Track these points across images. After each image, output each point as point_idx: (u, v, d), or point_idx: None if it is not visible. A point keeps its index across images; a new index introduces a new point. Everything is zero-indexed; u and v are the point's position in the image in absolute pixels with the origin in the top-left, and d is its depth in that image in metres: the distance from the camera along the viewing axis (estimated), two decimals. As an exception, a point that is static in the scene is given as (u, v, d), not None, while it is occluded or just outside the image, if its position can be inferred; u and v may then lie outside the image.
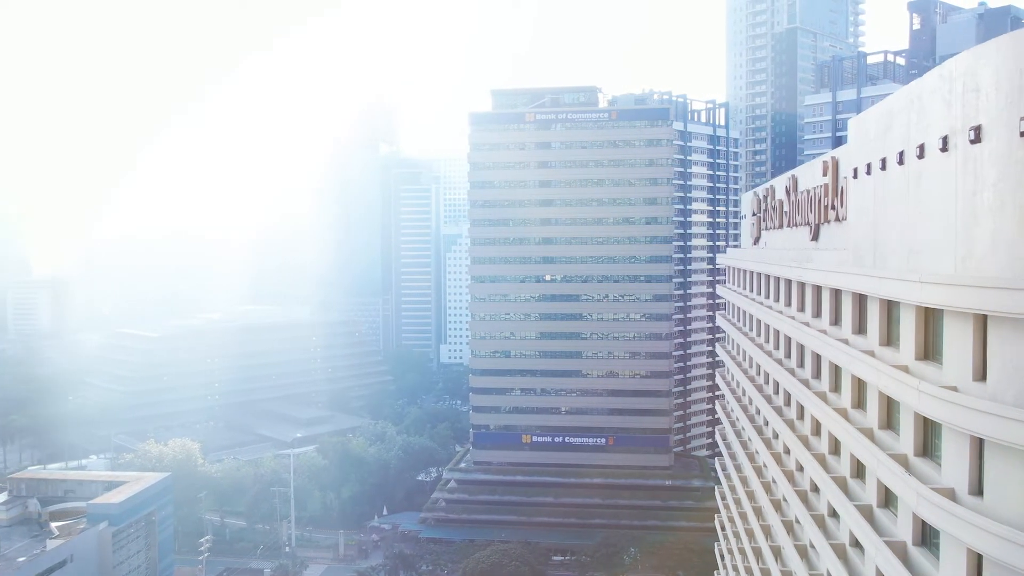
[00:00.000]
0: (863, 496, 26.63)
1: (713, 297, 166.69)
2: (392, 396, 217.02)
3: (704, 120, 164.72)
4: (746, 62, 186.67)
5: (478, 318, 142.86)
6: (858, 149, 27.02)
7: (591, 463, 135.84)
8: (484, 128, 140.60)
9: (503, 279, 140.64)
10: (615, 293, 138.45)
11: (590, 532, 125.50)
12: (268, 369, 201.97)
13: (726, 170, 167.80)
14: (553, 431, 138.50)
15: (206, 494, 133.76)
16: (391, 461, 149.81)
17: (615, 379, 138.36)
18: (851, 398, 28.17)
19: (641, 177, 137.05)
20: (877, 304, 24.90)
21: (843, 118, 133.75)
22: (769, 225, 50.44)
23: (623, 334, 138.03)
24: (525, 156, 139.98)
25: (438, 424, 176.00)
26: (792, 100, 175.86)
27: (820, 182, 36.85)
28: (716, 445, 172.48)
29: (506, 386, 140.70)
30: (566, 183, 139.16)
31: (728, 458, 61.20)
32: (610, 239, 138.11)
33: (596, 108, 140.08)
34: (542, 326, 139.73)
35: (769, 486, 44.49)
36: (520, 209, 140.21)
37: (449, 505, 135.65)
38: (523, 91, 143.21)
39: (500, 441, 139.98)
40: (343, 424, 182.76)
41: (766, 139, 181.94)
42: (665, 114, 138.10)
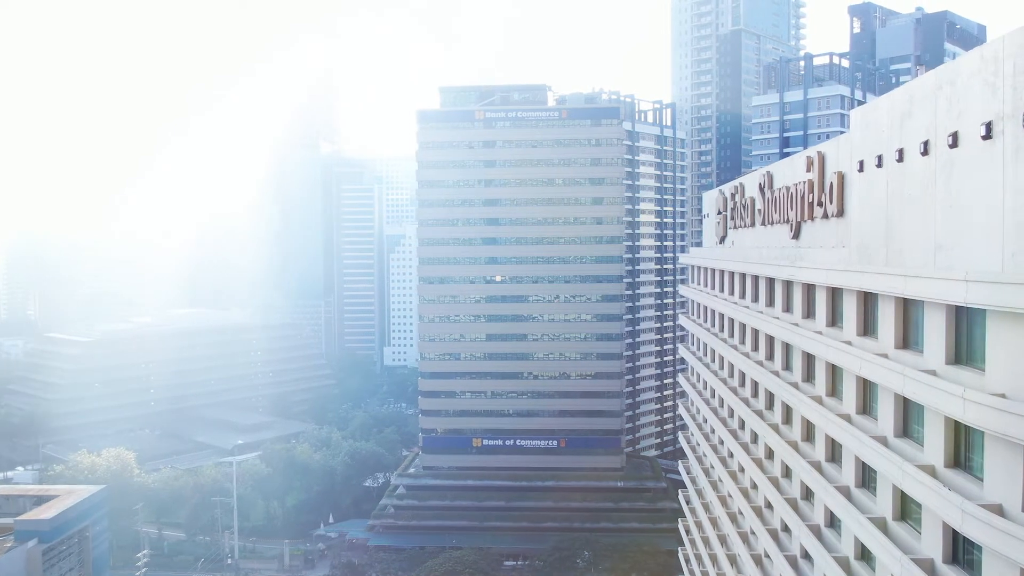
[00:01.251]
0: (874, 508, 25.20)
1: (661, 297, 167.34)
2: (336, 400, 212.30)
3: (651, 120, 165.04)
4: (691, 63, 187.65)
5: (427, 320, 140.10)
6: (864, 141, 25.60)
7: (543, 466, 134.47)
8: (432, 126, 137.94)
9: (452, 280, 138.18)
10: (566, 294, 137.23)
11: (542, 536, 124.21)
12: (206, 374, 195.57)
13: (673, 170, 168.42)
14: (504, 434, 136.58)
15: (143, 506, 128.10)
16: (337, 467, 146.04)
17: (566, 380, 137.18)
18: (856, 402, 26.77)
19: (591, 176, 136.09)
20: (892, 305, 23.47)
21: (790, 119, 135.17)
22: (739, 224, 49.31)
23: (574, 335, 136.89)
24: (474, 155, 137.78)
25: (385, 428, 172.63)
26: (737, 101, 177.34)
27: (802, 178, 35.62)
28: (666, 445, 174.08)
29: (456, 389, 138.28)
30: (515, 182, 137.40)
31: (695, 461, 60.05)
32: (560, 239, 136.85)
33: (546, 107, 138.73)
34: (492, 327, 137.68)
35: (747, 492, 43.22)
36: (469, 209, 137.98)
37: (398, 511, 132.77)
38: (472, 88, 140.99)
39: (450, 445, 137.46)
40: (286, 430, 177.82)
41: (712, 139, 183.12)
42: (615, 113, 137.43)
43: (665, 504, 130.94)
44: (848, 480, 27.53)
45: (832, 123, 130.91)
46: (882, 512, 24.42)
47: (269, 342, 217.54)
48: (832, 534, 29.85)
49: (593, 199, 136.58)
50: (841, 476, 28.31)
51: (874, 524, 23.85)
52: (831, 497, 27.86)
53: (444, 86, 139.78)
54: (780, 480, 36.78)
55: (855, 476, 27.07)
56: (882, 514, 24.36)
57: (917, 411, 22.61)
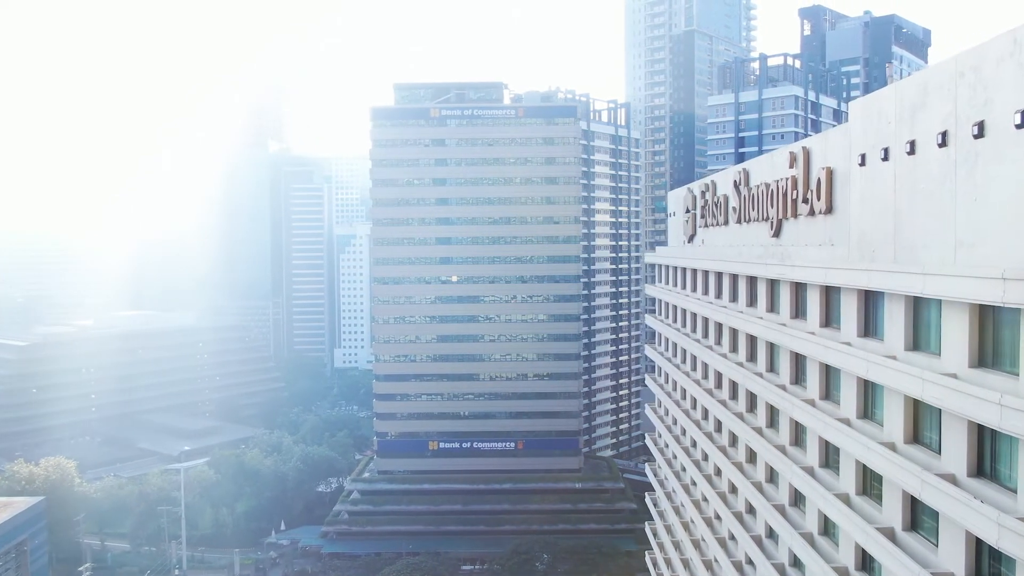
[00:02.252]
0: (880, 519, 24.09)
1: (617, 297, 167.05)
2: (286, 404, 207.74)
3: (606, 120, 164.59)
4: (645, 63, 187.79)
5: (381, 321, 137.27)
6: (866, 134, 24.48)
7: (500, 468, 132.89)
8: (386, 124, 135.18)
9: (407, 280, 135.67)
10: (523, 294, 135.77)
11: (500, 539, 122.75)
12: (150, 378, 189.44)
13: (628, 170, 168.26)
14: (461, 437, 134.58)
15: (84, 516, 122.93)
16: (289, 473, 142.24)
17: (524, 382, 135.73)
18: (856, 406, 25.66)
19: (548, 175, 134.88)
20: (902, 305, 22.35)
21: (745, 119, 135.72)
22: (710, 222, 48.37)
23: (531, 335, 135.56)
24: (428, 153, 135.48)
25: (337, 432, 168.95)
26: (690, 101, 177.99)
27: (784, 175, 34.67)
28: (622, 445, 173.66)
29: (411, 391, 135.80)
30: (471, 181, 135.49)
31: (664, 463, 59.03)
32: (517, 239, 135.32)
33: (502, 105, 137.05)
34: (448, 329, 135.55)
35: (726, 496, 42.15)
36: (424, 208, 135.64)
37: (352, 517, 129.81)
38: (427, 85, 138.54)
39: (405, 449, 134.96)
40: (235, 435, 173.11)
41: (665, 139, 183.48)
42: (572, 112, 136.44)
43: (623, 505, 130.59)
44: (848, 487, 26.43)
45: (787, 123, 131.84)
46: (891, 523, 23.33)
47: (216, 344, 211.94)
48: (827, 542, 28.78)
49: (550, 198, 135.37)
50: (839, 484, 27.20)
51: (884, 537, 22.76)
52: (828, 504, 26.77)
53: (398, 83, 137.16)
54: (764, 485, 35.70)
55: (855, 483, 25.97)
56: (890, 524, 23.27)
57: (931, 414, 21.54)
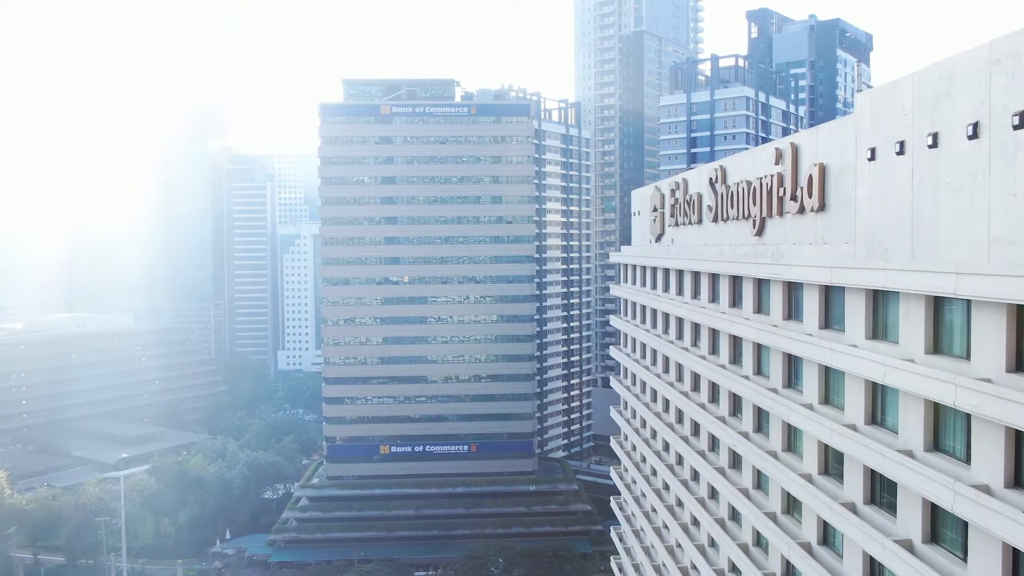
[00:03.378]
0: (895, 531, 23.05)
1: (568, 298, 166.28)
2: (229, 408, 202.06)
3: (557, 119, 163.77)
4: (595, 63, 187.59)
5: (330, 323, 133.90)
6: (877, 127, 23.41)
7: (454, 472, 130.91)
8: (335, 120, 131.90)
9: (357, 281, 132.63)
10: (476, 295, 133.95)
11: (454, 544, 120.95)
12: (85, 383, 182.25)
13: (579, 170, 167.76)
14: (413, 440, 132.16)
15: (16, 529, 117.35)
16: (234, 480, 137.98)
17: (477, 384, 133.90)
18: (864, 411, 24.60)
19: (502, 174, 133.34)
20: (922, 305, 21.30)
21: (697, 119, 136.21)
22: (681, 221, 47.41)
23: (484, 337, 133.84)
24: (379, 150, 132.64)
25: (283, 437, 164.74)
26: (639, 101, 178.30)
27: (768, 172, 33.73)
28: (573, 446, 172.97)
29: (362, 394, 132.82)
30: (423, 179, 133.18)
31: (632, 467, 57.91)
32: (471, 238, 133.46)
33: (455, 102, 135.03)
34: (399, 330, 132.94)
35: (705, 502, 41.07)
36: (375, 207, 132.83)
37: (301, 524, 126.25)
38: (377, 82, 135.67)
39: (356, 453, 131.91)
40: (176, 441, 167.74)
41: (615, 139, 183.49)
42: (526, 110, 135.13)
43: (578, 507, 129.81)
44: (854, 495, 25.38)
45: (738, 124, 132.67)
46: (909, 536, 22.29)
47: (155, 348, 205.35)
48: (829, 552, 27.75)
49: (503, 197, 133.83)
50: (843, 492, 26.14)
51: (901, 548, 21.70)
52: (833, 514, 25.71)
53: (348, 79, 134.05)
54: (752, 492, 34.62)
55: (862, 492, 24.92)
56: (908, 536, 22.24)
57: (954, 421, 20.52)
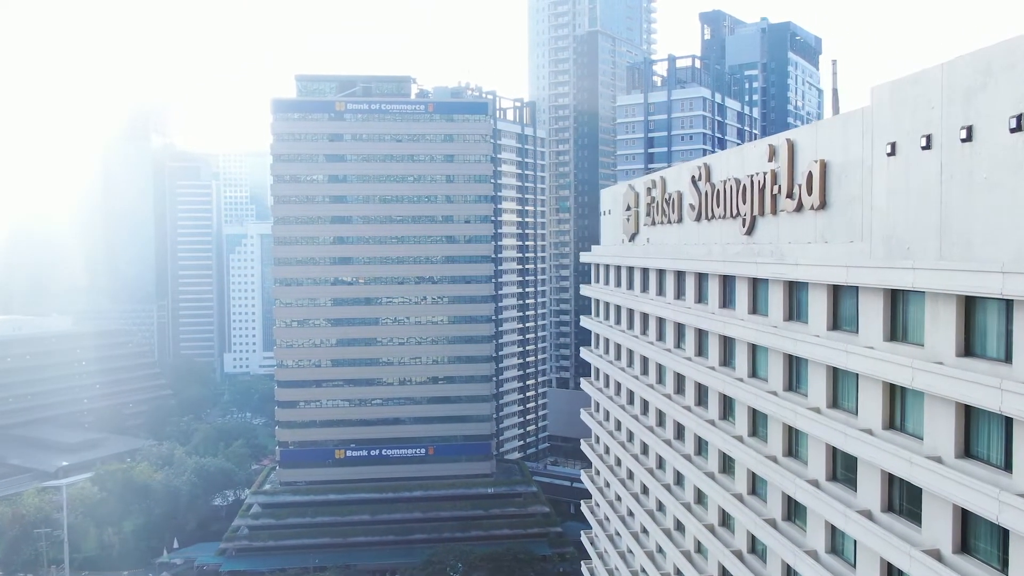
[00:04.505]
0: (921, 540, 22.25)
1: (523, 298, 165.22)
2: (174, 412, 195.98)
3: (512, 119, 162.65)
4: (549, 62, 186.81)
5: (283, 325, 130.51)
6: (898, 121, 22.59)
7: (411, 475, 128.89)
8: (288, 117, 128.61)
9: (311, 282, 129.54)
10: (433, 295, 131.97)
11: (412, 549, 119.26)
12: (22, 388, 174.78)
13: (534, 169, 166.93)
14: (369, 444, 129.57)
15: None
16: (182, 487, 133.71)
17: (434, 386, 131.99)
18: (883, 415, 23.78)
19: (460, 173, 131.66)
20: (952, 306, 20.50)
21: (655, 119, 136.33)
22: (659, 220, 46.61)
23: (442, 338, 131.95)
24: (334, 148, 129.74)
25: (232, 441, 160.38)
26: (594, 101, 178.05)
27: (760, 169, 32.99)
28: (529, 447, 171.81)
29: (316, 397, 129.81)
30: (379, 178, 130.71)
31: (606, 470, 56.91)
32: (427, 238, 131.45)
33: (411, 100, 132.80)
34: (355, 332, 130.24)
35: (691, 506, 40.17)
36: (329, 206, 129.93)
37: (253, 532, 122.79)
38: (331, 78, 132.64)
39: (310, 458, 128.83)
40: (119, 447, 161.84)
41: (569, 139, 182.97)
42: (484, 108, 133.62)
43: (536, 509, 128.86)
44: (871, 503, 24.55)
45: (695, 124, 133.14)
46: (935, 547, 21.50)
47: (96, 351, 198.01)
48: (837, 561, 26.92)
49: (462, 196, 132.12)
50: (856, 500, 25.29)
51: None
52: (849, 522, 24.86)
53: (301, 74, 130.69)
54: (747, 497, 33.74)
55: (880, 500, 24.10)
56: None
57: (987, 424, 19.74)
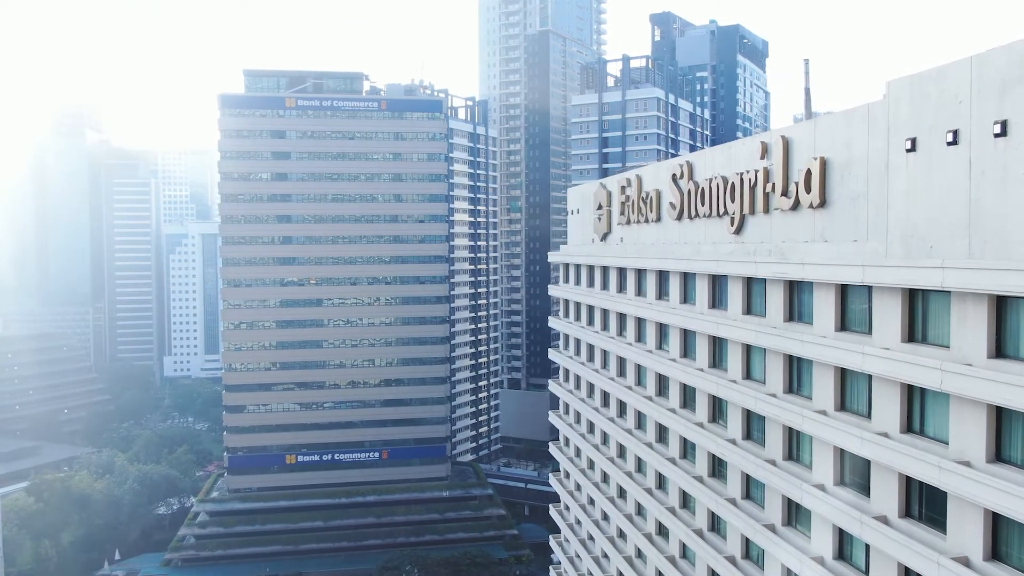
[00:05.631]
0: (945, 547, 21.64)
1: (476, 299, 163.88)
2: (113, 418, 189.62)
3: (463, 117, 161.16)
4: (500, 61, 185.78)
5: (232, 327, 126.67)
6: (920, 116, 21.98)
7: (364, 480, 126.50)
8: (236, 113, 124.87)
9: (261, 283, 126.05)
10: (387, 296, 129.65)
11: (366, 555, 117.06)
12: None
13: (486, 169, 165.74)
14: (321, 449, 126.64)
15: None
16: (124, 496, 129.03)
17: (388, 388, 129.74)
18: (901, 418, 23.17)
19: (414, 172, 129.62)
20: (983, 307, 19.93)
21: (609, 119, 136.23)
22: (635, 219, 45.88)
23: (396, 340, 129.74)
24: (284, 145, 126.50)
25: (176, 448, 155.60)
26: (545, 101, 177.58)
27: (751, 166, 32.39)
28: (481, 449, 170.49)
29: (266, 401, 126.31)
30: (331, 176, 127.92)
31: (577, 473, 55.96)
32: (381, 238, 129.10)
33: (365, 96, 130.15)
34: (307, 334, 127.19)
35: (676, 511, 39.41)
36: (280, 204, 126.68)
37: (200, 541, 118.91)
38: (281, 73, 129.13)
39: (260, 463, 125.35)
40: (55, 455, 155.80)
41: (521, 139, 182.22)
42: (438, 106, 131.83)
43: (492, 511, 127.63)
44: (887, 509, 23.93)
45: (649, 125, 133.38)
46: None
47: (27, 355, 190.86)
48: (849, 567, 26.31)
49: (416, 196, 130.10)
50: (871, 506, 24.68)
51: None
52: (867, 529, 24.23)
53: (249, 69, 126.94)
54: (740, 501, 33.04)
55: (896, 506, 23.50)
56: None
57: (1021, 425, 19.21)
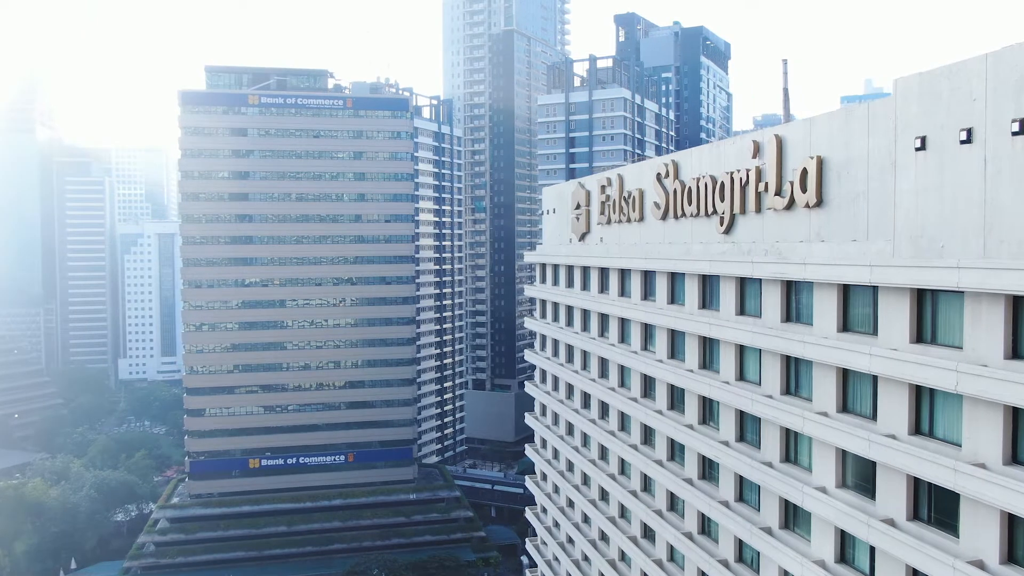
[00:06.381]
0: (958, 550, 21.45)
1: (441, 299, 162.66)
2: (67, 423, 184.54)
3: (428, 116, 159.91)
4: (464, 60, 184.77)
5: (193, 328, 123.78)
6: (931, 114, 21.74)
7: (330, 484, 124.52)
8: (198, 110, 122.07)
9: (224, 283, 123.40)
10: (352, 297, 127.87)
11: (332, 560, 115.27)
12: None
13: (451, 168, 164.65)
14: (285, 452, 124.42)
15: None
16: (80, 503, 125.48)
17: (354, 390, 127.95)
18: (909, 420, 22.94)
19: (381, 171, 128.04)
20: (1001, 307, 19.72)
21: (576, 119, 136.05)
22: (615, 218, 45.52)
23: (362, 340, 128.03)
24: (247, 143, 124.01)
25: (134, 453, 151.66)
26: (510, 100, 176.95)
27: (742, 165, 32.14)
28: (447, 451, 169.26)
29: (228, 405, 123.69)
30: (295, 175, 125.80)
31: (556, 475, 55.41)
32: (346, 237, 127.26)
33: (330, 94, 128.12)
34: (270, 335, 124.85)
35: (663, 513, 39.01)
36: (242, 204, 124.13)
37: (161, 549, 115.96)
38: (243, 69, 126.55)
39: (223, 468, 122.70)
40: (7, 462, 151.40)
41: (485, 139, 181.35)
42: (404, 105, 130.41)
43: (459, 513, 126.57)
44: (894, 511, 23.67)
45: (616, 125, 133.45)
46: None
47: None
48: (851, 571, 26.05)
49: (382, 195, 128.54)
50: (877, 509, 24.42)
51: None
52: (876, 533, 23.98)
53: (211, 65, 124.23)
54: (732, 504, 32.72)
55: (905, 508, 23.26)
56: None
57: (1051, 433, 19.01)
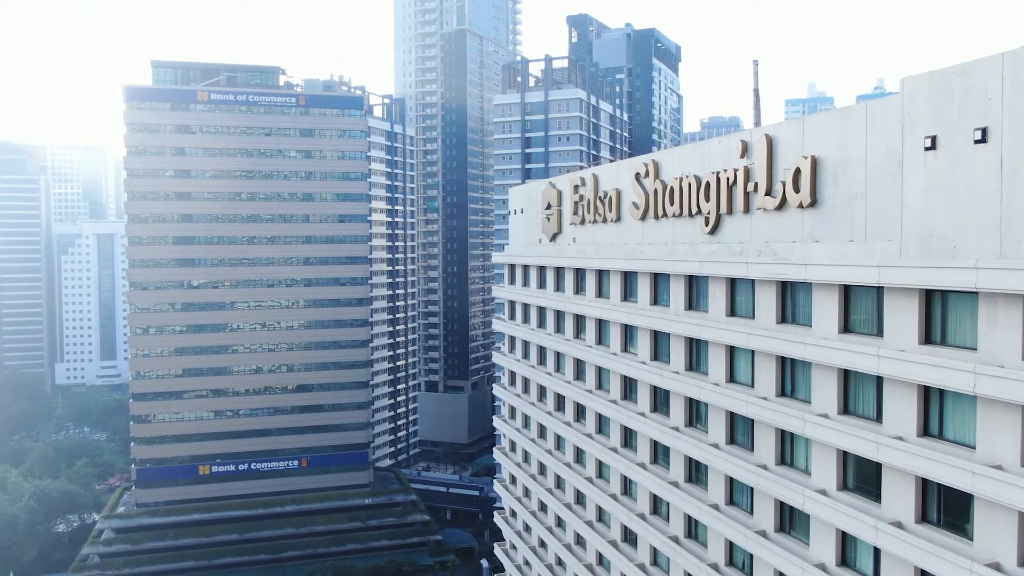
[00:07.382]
0: (972, 553, 21.30)
1: (393, 300, 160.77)
2: (2, 431, 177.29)
3: (380, 115, 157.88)
4: (416, 59, 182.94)
5: (140, 332, 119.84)
6: (942, 113, 21.57)
7: (283, 489, 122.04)
8: (144, 106, 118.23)
9: (172, 285, 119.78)
10: (305, 298, 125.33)
11: (285, 567, 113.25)
12: None
13: (404, 168, 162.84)
14: (236, 458, 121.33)
15: None
16: (19, 514, 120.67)
17: (307, 393, 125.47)
18: (918, 422, 22.76)
19: (334, 170, 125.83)
20: (1020, 309, 19.59)
21: (532, 119, 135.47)
22: (590, 219, 45.13)
23: (315, 343, 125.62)
24: (196, 141, 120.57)
25: (75, 461, 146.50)
26: (463, 100, 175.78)
27: (729, 165, 31.94)
28: (400, 454, 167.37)
29: (176, 410, 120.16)
30: (247, 174, 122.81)
31: (528, 479, 54.67)
32: (299, 238, 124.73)
33: (282, 92, 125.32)
34: (220, 338, 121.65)
35: (646, 516, 38.58)
36: (191, 203, 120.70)
37: (105, 560, 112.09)
38: (192, 65, 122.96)
39: (171, 476, 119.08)
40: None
41: (437, 138, 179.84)
42: (359, 103, 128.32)
43: (415, 517, 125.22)
44: (901, 514, 23.49)
45: (572, 125, 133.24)
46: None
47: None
48: (853, 574, 25.86)
49: (335, 194, 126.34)
50: (884, 512, 24.23)
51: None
52: (880, 533, 23.77)
53: (157, 60, 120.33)
54: (724, 507, 32.39)
55: (913, 511, 23.09)
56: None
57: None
